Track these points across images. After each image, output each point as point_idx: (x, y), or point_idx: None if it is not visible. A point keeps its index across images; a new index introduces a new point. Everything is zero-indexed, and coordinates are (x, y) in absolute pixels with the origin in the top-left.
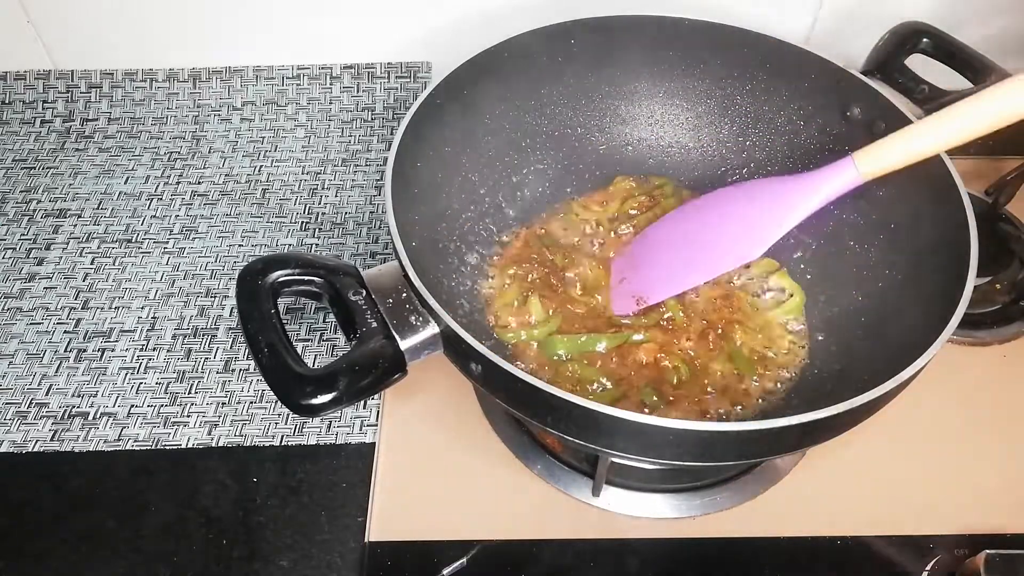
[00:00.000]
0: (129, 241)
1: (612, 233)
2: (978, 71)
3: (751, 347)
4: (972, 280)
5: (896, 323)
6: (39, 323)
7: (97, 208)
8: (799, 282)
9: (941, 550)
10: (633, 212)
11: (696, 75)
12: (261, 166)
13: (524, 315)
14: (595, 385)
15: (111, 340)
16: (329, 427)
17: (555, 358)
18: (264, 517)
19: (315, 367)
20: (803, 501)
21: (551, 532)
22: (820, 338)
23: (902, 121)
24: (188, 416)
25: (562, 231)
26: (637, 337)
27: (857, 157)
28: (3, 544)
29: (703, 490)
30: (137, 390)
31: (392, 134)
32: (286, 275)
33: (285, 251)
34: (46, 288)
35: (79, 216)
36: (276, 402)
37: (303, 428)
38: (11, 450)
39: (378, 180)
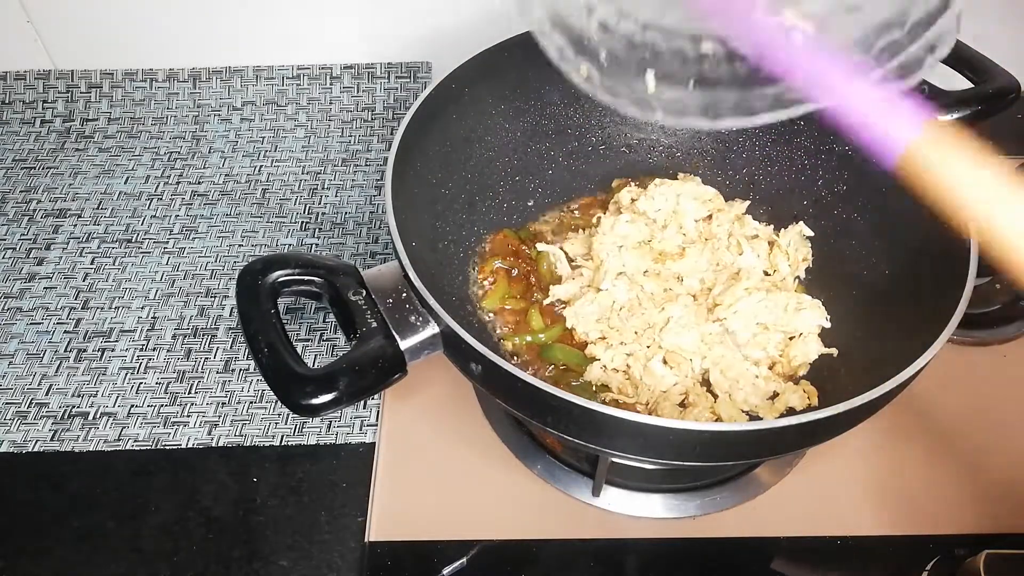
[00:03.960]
0: (129, 241)
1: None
2: (978, 71)
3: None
4: (972, 280)
5: (896, 323)
6: (39, 323)
7: (97, 208)
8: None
9: (941, 550)
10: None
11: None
12: (261, 166)
13: (522, 319)
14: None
15: (111, 340)
16: (329, 427)
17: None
18: (264, 517)
19: (315, 367)
20: (803, 501)
21: (551, 532)
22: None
23: None
24: (188, 416)
25: (554, 235)
26: None
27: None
28: (3, 544)
29: (703, 490)
30: (137, 390)
31: (392, 134)
32: (286, 275)
33: (285, 251)
34: (46, 288)
35: (79, 216)
36: (276, 402)
37: (303, 428)
38: (11, 450)
39: (378, 180)
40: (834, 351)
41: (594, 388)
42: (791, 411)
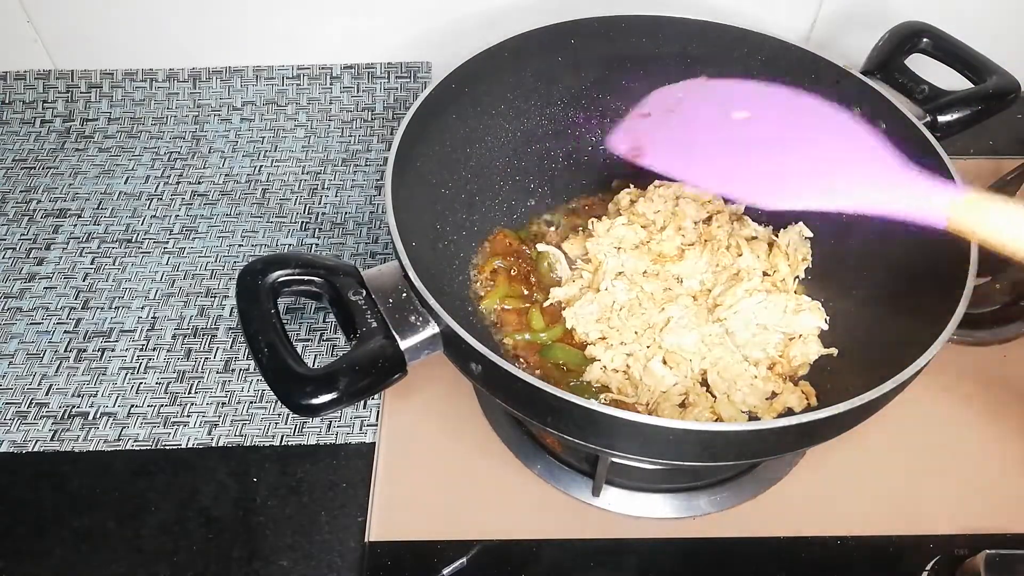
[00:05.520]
0: (129, 241)
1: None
2: (978, 71)
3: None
4: (972, 280)
5: (896, 323)
6: (39, 323)
7: (97, 208)
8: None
9: (941, 550)
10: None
11: (696, 75)
12: (261, 166)
13: (522, 319)
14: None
15: (111, 340)
16: (329, 427)
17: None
18: (264, 517)
19: (315, 367)
20: (803, 501)
21: (551, 532)
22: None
23: (902, 121)
24: (188, 416)
25: (554, 235)
26: None
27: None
28: (3, 544)
29: (703, 490)
30: (137, 390)
31: (392, 134)
32: (286, 275)
33: (285, 251)
34: (46, 288)
35: (79, 216)
36: (276, 402)
37: (303, 428)
38: (11, 450)
39: (378, 180)
40: (834, 351)
41: (594, 388)
42: (789, 411)
